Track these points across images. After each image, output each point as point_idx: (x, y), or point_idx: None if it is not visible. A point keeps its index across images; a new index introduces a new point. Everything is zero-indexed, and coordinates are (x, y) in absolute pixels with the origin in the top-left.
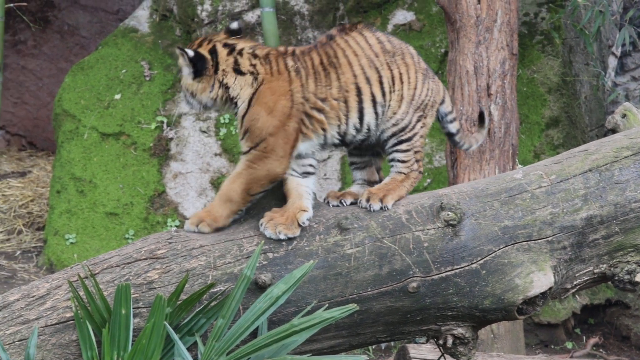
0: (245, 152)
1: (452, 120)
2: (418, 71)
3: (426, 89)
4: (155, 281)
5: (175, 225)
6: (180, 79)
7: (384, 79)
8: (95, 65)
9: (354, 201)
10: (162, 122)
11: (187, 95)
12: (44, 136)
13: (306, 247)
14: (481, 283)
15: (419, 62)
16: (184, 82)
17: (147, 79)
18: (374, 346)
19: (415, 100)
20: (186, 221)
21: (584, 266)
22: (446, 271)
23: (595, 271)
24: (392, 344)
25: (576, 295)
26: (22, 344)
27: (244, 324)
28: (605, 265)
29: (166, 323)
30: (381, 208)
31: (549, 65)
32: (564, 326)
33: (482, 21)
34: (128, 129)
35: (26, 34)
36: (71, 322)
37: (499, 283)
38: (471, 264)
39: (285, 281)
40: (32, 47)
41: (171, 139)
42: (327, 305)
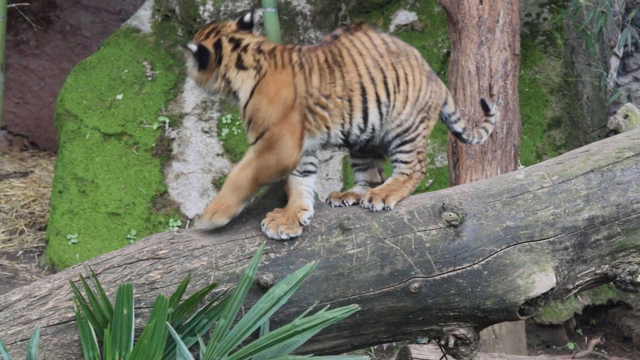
0: (253, 143)
1: (457, 120)
2: (422, 73)
3: (430, 91)
4: (157, 281)
5: (177, 226)
6: (187, 69)
7: (388, 80)
8: (97, 65)
9: (356, 202)
10: (164, 123)
11: (194, 82)
12: (46, 136)
13: (308, 248)
14: (483, 283)
15: (423, 64)
16: (191, 73)
17: (149, 79)
18: (375, 347)
19: (420, 102)
20: (199, 219)
21: (585, 267)
22: (448, 272)
23: (597, 272)
24: (394, 344)
25: (578, 296)
26: (24, 344)
27: (246, 324)
28: (607, 266)
29: (168, 323)
30: (383, 208)
31: (551, 65)
32: (566, 327)
33: (484, 22)
34: (130, 129)
35: (28, 34)
36: (73, 322)
37: (500, 284)
38: (473, 264)
39: (287, 281)
40: (34, 47)
41: (173, 139)
42: (329, 305)
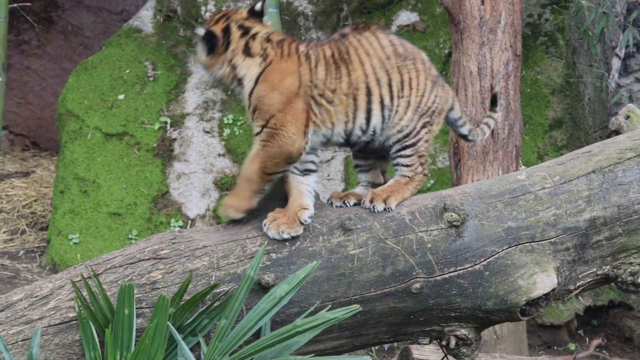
0: (258, 133)
1: (463, 124)
2: (428, 78)
3: (434, 96)
4: (159, 281)
5: (179, 226)
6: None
7: (393, 82)
8: (99, 65)
9: (357, 202)
10: (166, 123)
11: (202, 67)
12: (48, 136)
13: (309, 248)
14: (484, 284)
15: (430, 69)
16: (199, 58)
17: (151, 79)
18: (377, 347)
19: (422, 107)
20: (219, 209)
21: (587, 267)
22: (449, 272)
23: (598, 272)
24: (395, 344)
25: (579, 297)
26: (25, 344)
27: (247, 325)
28: (608, 267)
29: (169, 323)
30: (385, 209)
31: (553, 66)
32: (567, 327)
33: (486, 22)
34: (131, 129)
35: (30, 34)
36: (74, 322)
37: (502, 284)
38: (474, 265)
39: (288, 282)
40: (36, 47)
41: (175, 140)
42: (330, 305)
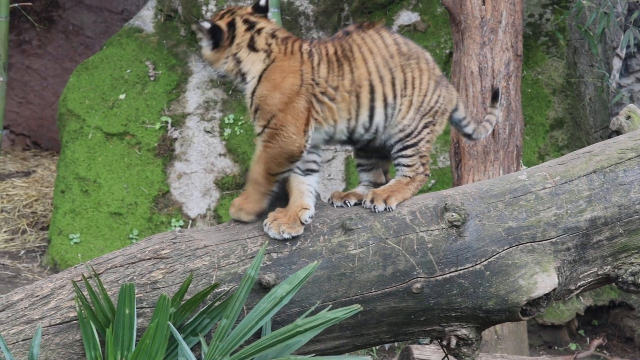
0: (260, 133)
1: (467, 124)
2: (431, 78)
3: (437, 96)
4: (159, 281)
5: (180, 225)
6: (201, 49)
7: (396, 81)
8: (99, 65)
9: (357, 202)
10: (167, 122)
11: (207, 64)
12: (49, 136)
13: (310, 248)
14: (485, 284)
15: (434, 69)
16: (203, 53)
17: (152, 79)
18: (377, 347)
19: (424, 107)
20: (229, 210)
21: (587, 267)
22: (450, 272)
23: (599, 272)
24: (396, 344)
25: (580, 297)
26: (26, 344)
27: (248, 324)
28: (609, 267)
29: (170, 323)
30: (385, 209)
31: (554, 66)
32: (568, 327)
33: (487, 22)
34: (132, 129)
35: (31, 33)
36: (75, 322)
37: (502, 284)
38: (475, 264)
39: (289, 281)
40: (37, 47)
41: (175, 139)
42: (331, 305)
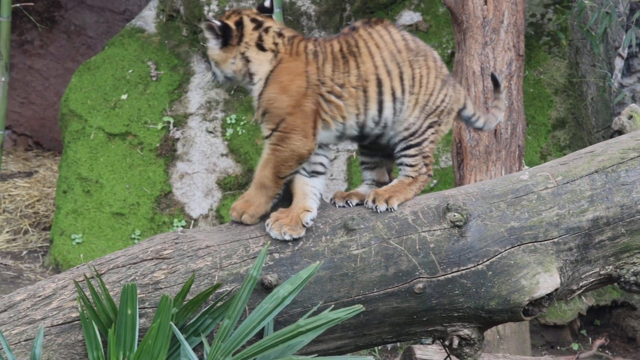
0: (268, 136)
1: (477, 119)
2: (438, 76)
3: (443, 95)
4: (162, 281)
5: (182, 226)
6: (207, 51)
7: (404, 76)
8: (101, 65)
9: (359, 202)
10: (169, 123)
11: (212, 65)
12: (51, 136)
13: (312, 248)
14: (487, 284)
15: (441, 68)
16: (210, 53)
17: (154, 79)
18: (380, 347)
19: (429, 106)
20: (230, 213)
21: (590, 267)
22: (452, 272)
23: (601, 272)
24: (398, 344)
25: (582, 297)
26: (28, 344)
27: (250, 325)
28: (611, 267)
29: (172, 323)
30: (387, 209)
31: (556, 66)
32: (570, 327)
33: (489, 22)
34: (134, 129)
35: (33, 33)
36: (77, 322)
37: (505, 284)
38: (477, 265)
39: (291, 282)
40: (39, 47)
41: (177, 139)
42: (333, 306)
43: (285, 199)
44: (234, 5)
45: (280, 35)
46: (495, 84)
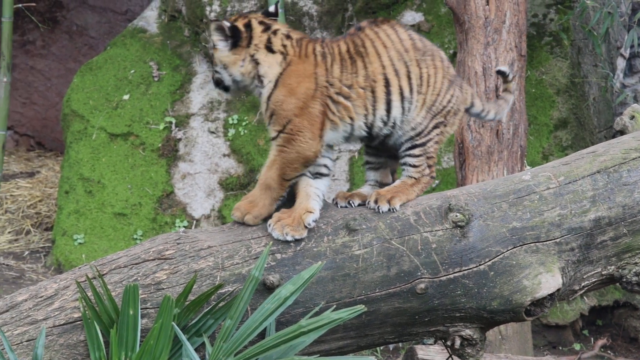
0: (275, 137)
1: (487, 113)
2: (445, 76)
3: (449, 96)
4: (163, 282)
5: (184, 226)
6: (213, 53)
7: (412, 75)
8: (103, 65)
9: (362, 202)
10: (171, 123)
11: (220, 68)
12: (53, 136)
13: (314, 248)
14: (489, 284)
15: (448, 68)
16: (218, 55)
17: (156, 79)
18: (382, 347)
19: (436, 106)
20: (232, 214)
21: (591, 268)
22: (454, 272)
23: (603, 273)
24: (400, 345)
25: (584, 297)
26: (30, 344)
27: (252, 325)
28: (613, 267)
29: (174, 324)
30: (389, 209)
31: (558, 66)
32: (572, 328)
33: (491, 22)
34: (136, 130)
35: (35, 34)
36: (79, 323)
37: (507, 284)
38: (479, 265)
39: (293, 282)
40: (41, 48)
41: (180, 140)
42: (335, 306)
43: (287, 200)
44: (235, 6)
45: (288, 37)
46: (503, 75)
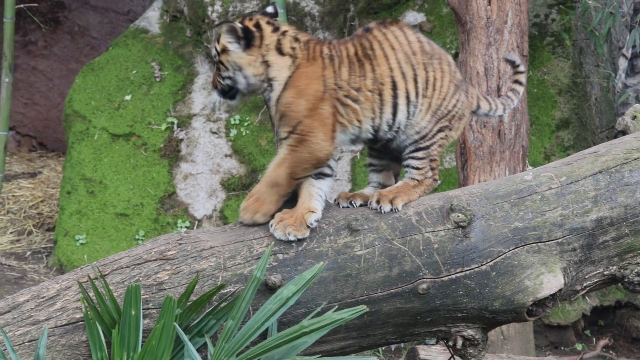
0: (285, 138)
1: (496, 110)
2: (452, 81)
3: (455, 100)
4: (165, 282)
5: (186, 226)
6: (223, 58)
7: (418, 79)
8: (105, 66)
9: (363, 203)
10: (173, 123)
11: (233, 72)
12: (55, 137)
13: (316, 249)
14: (491, 284)
15: (455, 72)
16: (231, 57)
17: (158, 79)
18: (383, 347)
19: (441, 111)
20: (240, 214)
21: (593, 268)
22: (456, 273)
23: (605, 273)
24: (402, 345)
25: (586, 297)
26: (32, 345)
27: (254, 325)
28: (615, 267)
29: (176, 324)
30: (391, 210)
31: (560, 66)
32: (574, 328)
33: (493, 22)
34: (138, 130)
35: (37, 34)
36: (81, 323)
37: (508, 285)
38: (481, 265)
39: (295, 282)
40: (43, 48)
41: (181, 140)
42: (337, 306)
43: (288, 200)
44: (237, 6)
45: (296, 40)
46: (512, 64)
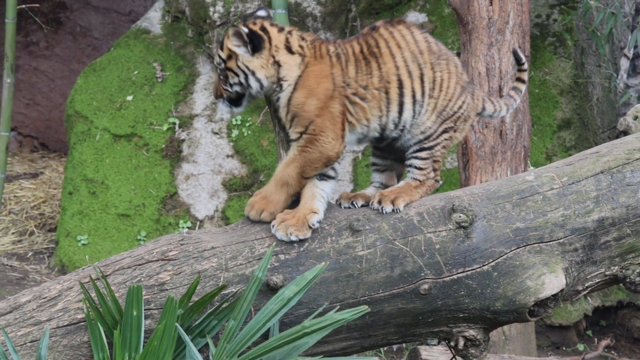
0: (296, 139)
1: (500, 111)
2: (458, 82)
3: (461, 102)
4: (167, 283)
5: (187, 227)
6: (232, 64)
7: (425, 78)
8: (107, 66)
9: (365, 203)
10: (174, 124)
11: (246, 77)
12: (56, 137)
13: (318, 249)
14: (492, 285)
15: (462, 74)
16: (241, 62)
17: (159, 80)
18: (385, 348)
19: (447, 112)
20: (247, 211)
21: (595, 268)
22: (458, 273)
23: (606, 273)
24: (404, 345)
25: (588, 297)
26: (34, 345)
27: (256, 326)
28: (616, 267)
29: (177, 325)
30: (393, 210)
31: (561, 67)
32: (576, 328)
33: (494, 23)
34: (140, 131)
35: (38, 35)
36: (82, 324)
37: (510, 285)
38: (483, 265)
39: (296, 283)
40: (44, 49)
41: (183, 141)
42: (339, 307)
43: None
44: (239, 7)
45: (303, 38)
46: (517, 58)
